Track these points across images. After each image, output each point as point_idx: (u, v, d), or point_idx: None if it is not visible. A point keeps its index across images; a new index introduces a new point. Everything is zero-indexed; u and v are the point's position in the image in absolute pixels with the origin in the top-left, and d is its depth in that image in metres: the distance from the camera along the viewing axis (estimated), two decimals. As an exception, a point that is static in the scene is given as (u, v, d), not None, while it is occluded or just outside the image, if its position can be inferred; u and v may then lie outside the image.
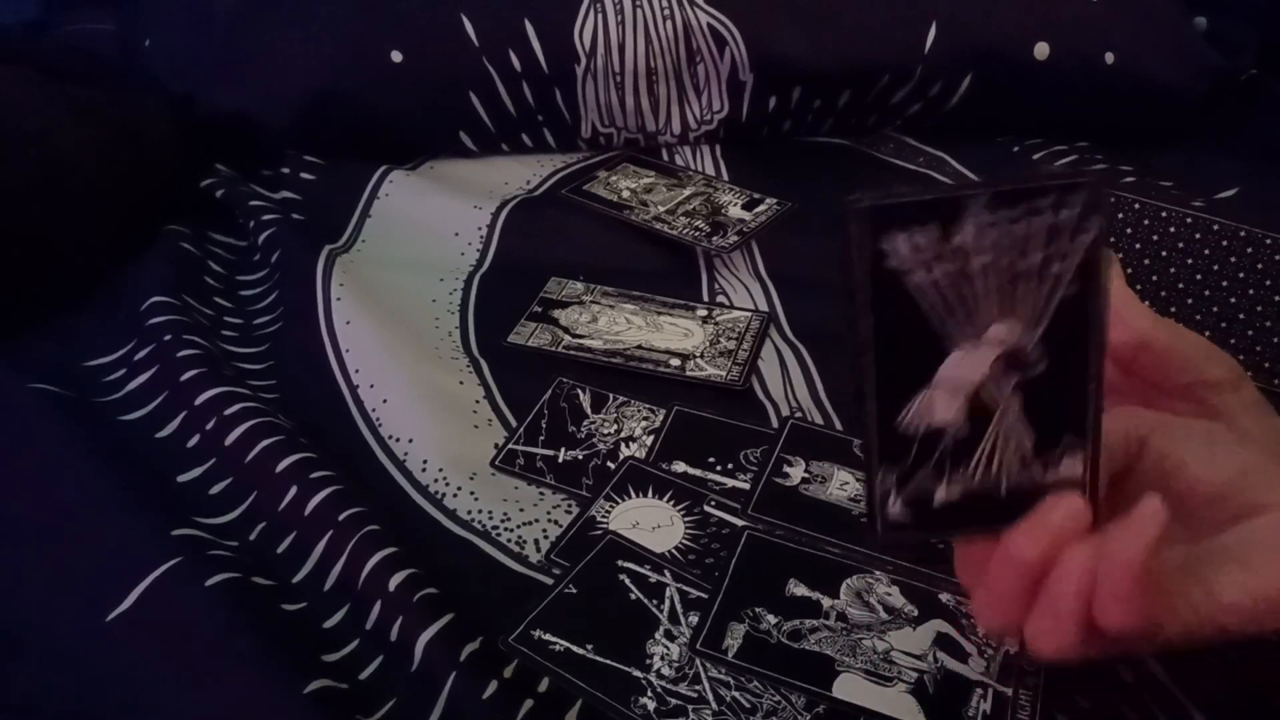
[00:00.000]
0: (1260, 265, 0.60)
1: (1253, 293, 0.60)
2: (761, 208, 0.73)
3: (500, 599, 0.45)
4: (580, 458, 0.53)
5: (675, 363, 0.59)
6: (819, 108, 0.82)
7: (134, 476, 0.49)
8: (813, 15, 0.79)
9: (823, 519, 0.49)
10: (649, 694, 0.40)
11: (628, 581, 0.45)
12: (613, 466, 0.52)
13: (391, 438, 0.54)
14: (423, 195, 0.76)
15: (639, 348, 0.60)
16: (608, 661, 0.41)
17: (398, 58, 0.76)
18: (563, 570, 0.46)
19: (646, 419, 0.55)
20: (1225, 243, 0.61)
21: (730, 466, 0.52)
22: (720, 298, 0.67)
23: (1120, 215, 0.63)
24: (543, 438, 0.54)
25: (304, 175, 0.77)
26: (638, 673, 0.41)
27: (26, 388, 0.53)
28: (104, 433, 0.53)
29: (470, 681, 0.40)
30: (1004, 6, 0.80)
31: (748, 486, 0.51)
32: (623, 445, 0.54)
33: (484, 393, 0.57)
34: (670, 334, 0.62)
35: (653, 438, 0.54)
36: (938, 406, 0.32)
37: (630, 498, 0.50)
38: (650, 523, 0.49)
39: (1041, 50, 0.80)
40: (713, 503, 0.50)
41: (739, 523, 0.49)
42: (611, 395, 0.57)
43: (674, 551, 0.47)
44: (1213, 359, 0.38)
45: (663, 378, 0.58)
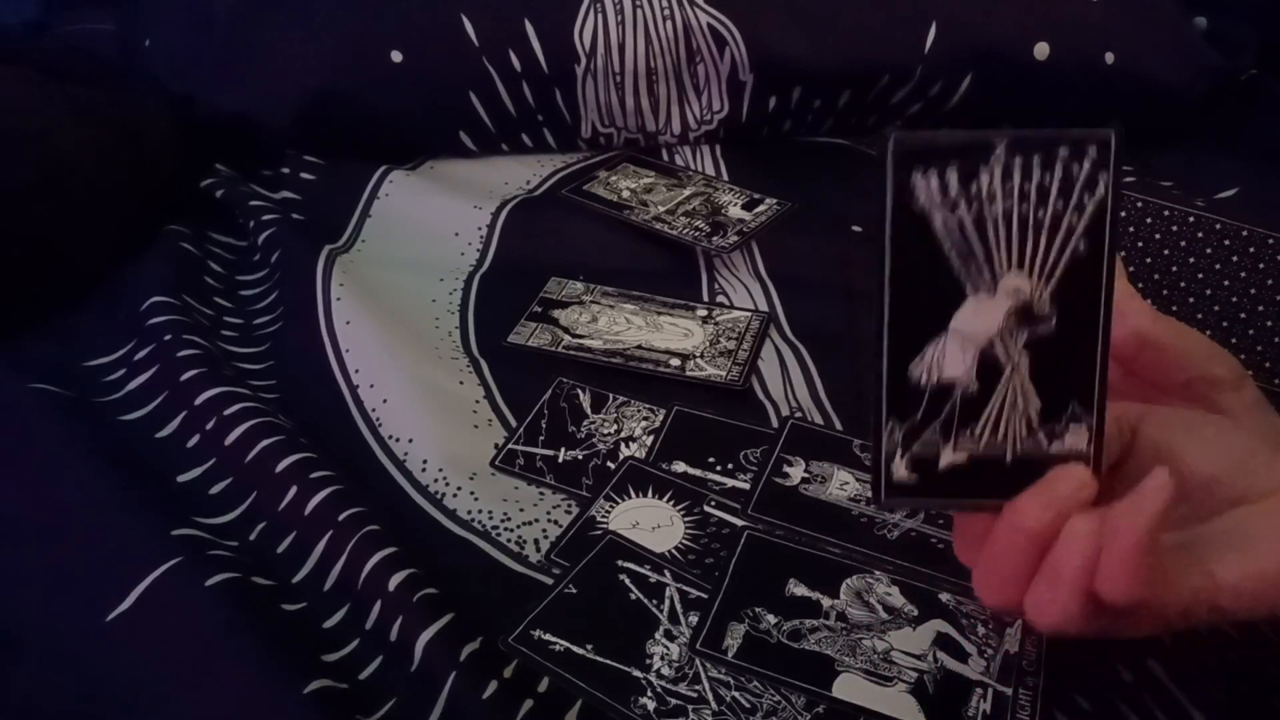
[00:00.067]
0: (1262, 264, 0.60)
1: (1254, 292, 0.60)
2: (761, 208, 0.73)
3: (500, 599, 0.45)
4: (580, 458, 0.53)
5: (675, 363, 0.59)
6: (819, 108, 0.82)
7: (134, 476, 0.49)
8: (813, 15, 0.79)
9: (823, 519, 0.49)
10: (649, 694, 0.40)
11: (628, 581, 0.45)
12: (613, 466, 0.52)
13: (391, 437, 0.54)
14: (423, 195, 0.75)
15: (639, 348, 0.60)
16: (608, 661, 0.41)
17: (398, 58, 0.76)
18: (563, 570, 0.46)
19: (646, 419, 0.55)
20: (1227, 241, 0.61)
21: (730, 466, 0.52)
22: (720, 298, 0.67)
23: (1123, 213, 0.63)
24: (542, 438, 0.54)
25: (304, 175, 0.77)
26: (638, 673, 0.41)
27: (26, 387, 0.53)
28: (104, 433, 0.52)
29: (470, 681, 0.40)
30: (1004, 6, 0.80)
31: (748, 486, 0.51)
32: (623, 445, 0.54)
33: (484, 393, 0.57)
34: (670, 334, 0.62)
35: (653, 438, 0.54)
36: (949, 359, 0.33)
37: (630, 498, 0.50)
38: (650, 523, 0.49)
39: (1041, 50, 0.80)
40: (712, 503, 0.50)
41: (739, 523, 0.49)
42: (611, 395, 0.57)
43: (674, 551, 0.47)
44: (1214, 357, 0.38)
45: (663, 378, 0.58)
